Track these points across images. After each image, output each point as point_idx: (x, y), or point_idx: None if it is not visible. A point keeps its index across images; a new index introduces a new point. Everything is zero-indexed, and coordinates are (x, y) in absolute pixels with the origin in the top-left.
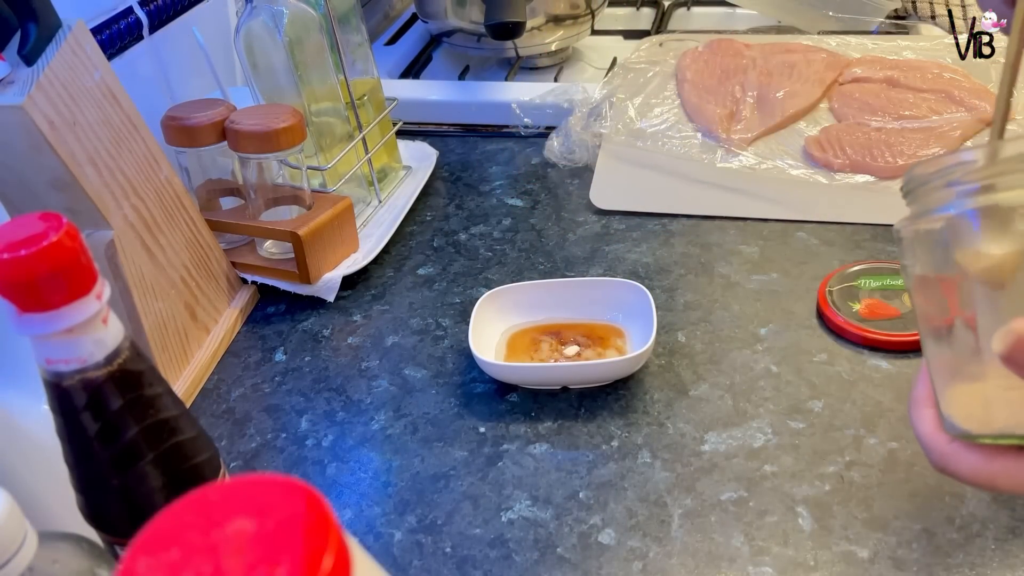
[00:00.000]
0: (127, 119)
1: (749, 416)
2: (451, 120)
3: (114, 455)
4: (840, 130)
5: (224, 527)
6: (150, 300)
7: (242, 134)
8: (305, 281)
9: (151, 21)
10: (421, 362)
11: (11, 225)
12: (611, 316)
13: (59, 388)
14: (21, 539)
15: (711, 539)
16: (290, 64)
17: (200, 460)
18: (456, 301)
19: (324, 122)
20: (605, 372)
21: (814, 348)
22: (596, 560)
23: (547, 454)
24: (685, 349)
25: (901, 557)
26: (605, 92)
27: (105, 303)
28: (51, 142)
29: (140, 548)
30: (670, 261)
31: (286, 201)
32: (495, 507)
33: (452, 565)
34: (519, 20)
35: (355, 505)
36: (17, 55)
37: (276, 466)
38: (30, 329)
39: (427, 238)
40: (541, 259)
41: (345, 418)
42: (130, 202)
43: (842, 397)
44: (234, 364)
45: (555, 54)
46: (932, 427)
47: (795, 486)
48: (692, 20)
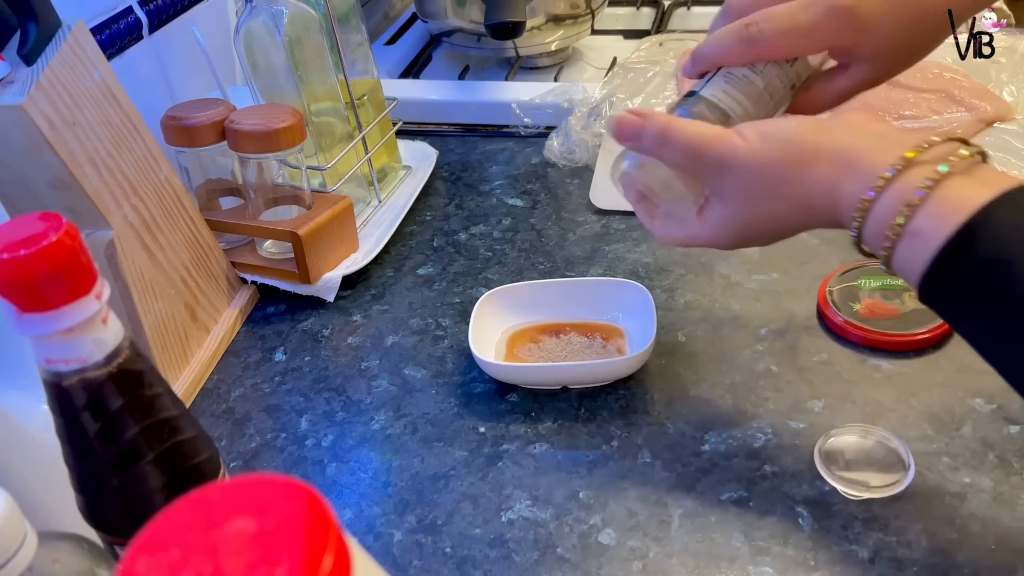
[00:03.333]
0: (127, 119)
1: (749, 416)
2: (451, 120)
3: (114, 455)
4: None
5: (224, 527)
6: (150, 300)
7: (242, 134)
8: (305, 281)
9: (151, 21)
10: (421, 362)
11: (11, 225)
12: (611, 316)
13: (59, 388)
14: (21, 539)
15: (711, 539)
16: (290, 64)
17: (200, 460)
18: (456, 301)
19: (324, 122)
20: (605, 372)
21: (814, 348)
22: (596, 560)
23: (547, 454)
24: (685, 349)
25: (901, 557)
26: (605, 92)
27: (105, 303)
28: (51, 142)
29: (140, 548)
30: (670, 261)
31: (286, 201)
32: (495, 507)
33: (452, 565)
34: (519, 20)
35: (355, 505)
36: (17, 55)
37: (276, 466)
38: (30, 329)
39: (427, 238)
40: (541, 259)
41: (345, 418)
42: (130, 202)
43: (842, 397)
44: (234, 364)
45: (555, 54)
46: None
47: (795, 486)
48: (692, 20)
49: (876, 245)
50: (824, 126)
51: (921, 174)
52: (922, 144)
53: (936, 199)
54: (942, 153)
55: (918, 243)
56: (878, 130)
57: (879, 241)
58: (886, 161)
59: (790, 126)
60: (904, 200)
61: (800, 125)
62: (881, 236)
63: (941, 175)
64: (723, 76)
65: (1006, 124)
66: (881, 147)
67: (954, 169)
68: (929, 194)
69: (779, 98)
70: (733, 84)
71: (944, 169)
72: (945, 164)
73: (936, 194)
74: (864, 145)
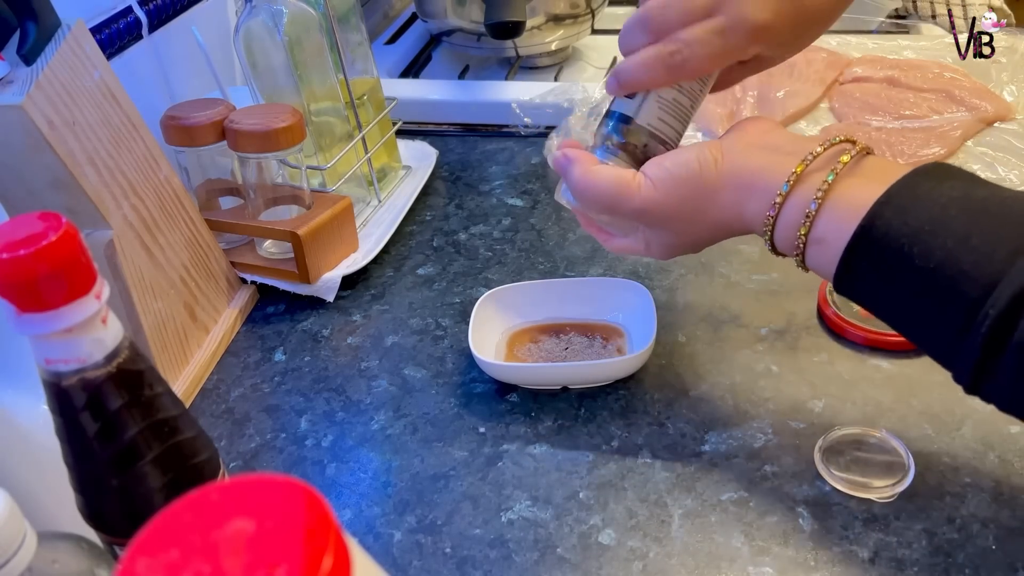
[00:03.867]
0: (126, 119)
1: (749, 416)
2: (451, 120)
3: (113, 455)
4: (840, 130)
5: (224, 527)
6: (149, 300)
7: (242, 134)
8: (304, 281)
9: (150, 20)
10: (421, 362)
11: (10, 225)
12: (611, 316)
13: (58, 388)
14: (20, 539)
15: (711, 539)
16: (290, 64)
17: (200, 460)
18: (456, 301)
19: (324, 122)
20: (605, 372)
21: (814, 348)
22: (596, 560)
23: (547, 454)
24: (685, 349)
25: (901, 557)
26: (605, 92)
27: (104, 303)
28: (50, 142)
29: (139, 548)
30: (670, 261)
31: (285, 201)
32: (495, 507)
33: (452, 565)
34: (519, 19)
35: (355, 505)
36: (16, 54)
37: (276, 466)
38: (29, 329)
39: (427, 238)
40: (541, 259)
41: (345, 418)
42: (129, 202)
43: (842, 397)
44: (233, 364)
45: (555, 53)
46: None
47: (795, 486)
48: None
49: (788, 251)
50: (723, 151)
51: (812, 185)
52: (807, 157)
53: (829, 208)
54: (829, 159)
55: (823, 248)
56: (773, 143)
57: (790, 249)
58: (779, 179)
59: (693, 162)
60: (802, 211)
61: (701, 156)
62: (791, 245)
63: (829, 184)
64: (655, 102)
65: (1006, 124)
66: (774, 164)
67: (841, 173)
68: (822, 204)
69: (700, 104)
70: (666, 110)
71: (831, 178)
72: (831, 172)
73: (828, 203)
74: (759, 164)
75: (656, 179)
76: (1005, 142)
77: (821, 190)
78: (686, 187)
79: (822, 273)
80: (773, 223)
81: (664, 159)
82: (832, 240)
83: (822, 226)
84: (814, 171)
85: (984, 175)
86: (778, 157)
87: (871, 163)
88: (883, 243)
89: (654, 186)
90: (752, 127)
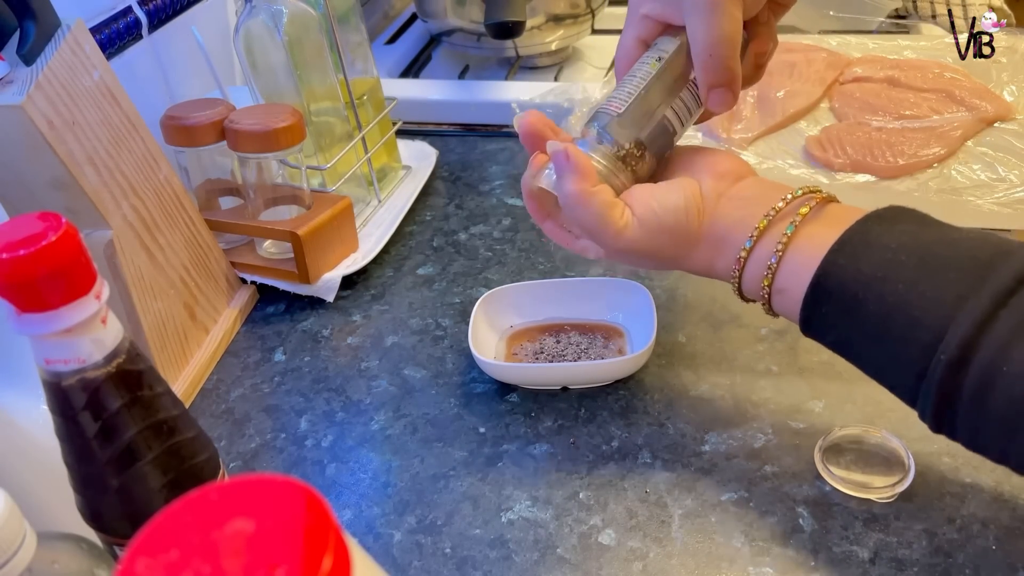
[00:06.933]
0: (126, 119)
1: (749, 416)
2: (451, 120)
3: (113, 455)
4: (841, 130)
5: (224, 527)
6: (149, 300)
7: (241, 134)
8: (304, 281)
9: (150, 20)
10: (421, 362)
11: (10, 225)
12: (611, 316)
13: (58, 388)
14: (20, 539)
15: (711, 539)
16: (289, 64)
17: (199, 460)
18: (456, 301)
19: (324, 122)
20: (605, 372)
21: (814, 348)
22: (596, 561)
23: (547, 454)
24: (685, 349)
25: (901, 557)
26: (605, 92)
27: (104, 303)
28: (50, 142)
29: (139, 548)
30: None
31: (285, 201)
32: (495, 507)
33: (452, 566)
34: (519, 19)
35: (355, 505)
36: (16, 55)
37: (276, 466)
38: (29, 329)
39: (427, 238)
40: (541, 259)
41: (345, 418)
42: (129, 202)
43: (842, 397)
44: (233, 364)
45: (555, 53)
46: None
47: (795, 486)
48: None
49: (756, 299)
50: (704, 202)
51: (773, 239)
52: (770, 212)
53: (788, 259)
54: (790, 212)
55: (785, 297)
56: (751, 196)
57: (757, 297)
58: (744, 236)
59: (681, 212)
60: (765, 264)
61: (689, 207)
62: (757, 294)
63: (788, 236)
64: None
65: (1006, 124)
66: (744, 221)
67: (800, 223)
68: (782, 257)
69: (698, 107)
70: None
71: (790, 230)
72: (791, 224)
73: (788, 254)
74: (731, 221)
75: (642, 219)
76: (1005, 142)
77: (781, 243)
78: (668, 235)
79: (789, 318)
80: (739, 276)
81: (653, 198)
82: (792, 290)
83: (783, 278)
84: (776, 223)
85: (984, 175)
86: (748, 210)
87: (831, 210)
88: (839, 292)
89: (639, 225)
90: (728, 173)
